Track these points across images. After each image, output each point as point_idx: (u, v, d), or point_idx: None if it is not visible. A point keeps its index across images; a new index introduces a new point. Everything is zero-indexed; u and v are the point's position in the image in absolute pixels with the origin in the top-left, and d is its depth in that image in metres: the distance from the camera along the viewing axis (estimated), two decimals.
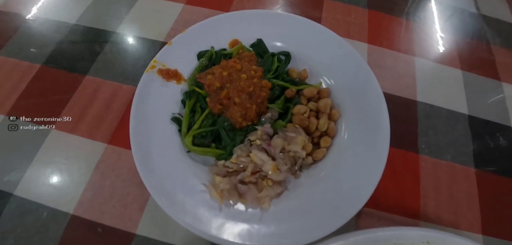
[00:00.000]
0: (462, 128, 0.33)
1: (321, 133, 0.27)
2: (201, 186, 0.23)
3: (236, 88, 0.26)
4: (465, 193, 0.30)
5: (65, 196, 0.26)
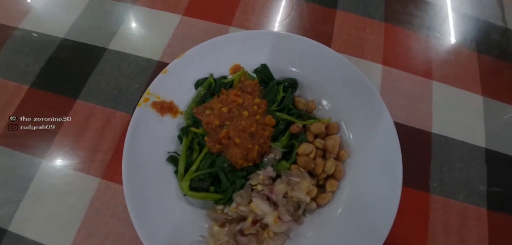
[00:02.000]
0: (478, 164, 0.31)
1: (328, 175, 0.26)
2: (198, 237, 0.23)
3: (237, 127, 0.24)
4: (475, 236, 0.29)
5: (59, 233, 0.26)
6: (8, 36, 0.35)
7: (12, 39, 0.35)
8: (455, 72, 0.36)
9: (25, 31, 0.35)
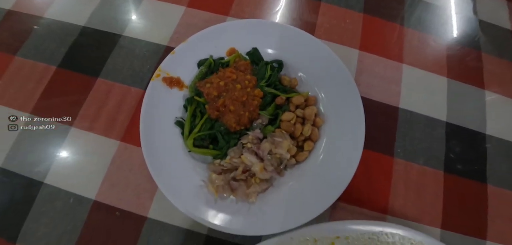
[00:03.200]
0: (438, 134, 0.38)
1: (305, 137, 0.33)
2: (200, 181, 0.30)
3: (231, 97, 0.32)
4: (431, 193, 0.36)
5: (88, 184, 0.34)
6: (36, 24, 0.42)
7: (39, 27, 0.42)
8: (424, 57, 0.43)
9: (50, 20, 0.43)
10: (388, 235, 0.30)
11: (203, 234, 0.32)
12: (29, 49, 0.40)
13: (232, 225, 0.28)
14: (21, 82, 0.39)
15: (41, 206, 0.33)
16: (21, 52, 0.40)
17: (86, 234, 0.32)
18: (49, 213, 0.33)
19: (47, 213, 0.33)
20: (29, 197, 0.33)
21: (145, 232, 0.32)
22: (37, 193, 0.33)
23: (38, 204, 0.33)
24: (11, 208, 0.33)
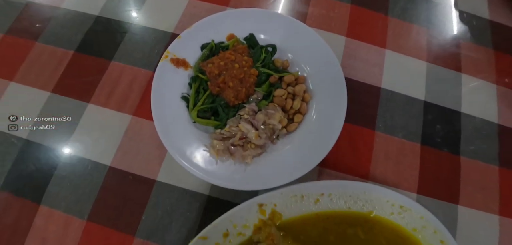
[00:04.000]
0: (416, 111, 0.44)
1: (295, 111, 0.38)
2: (203, 146, 0.36)
3: (230, 75, 0.37)
4: (409, 162, 0.41)
5: (104, 153, 0.39)
6: (54, 13, 0.48)
7: (57, 16, 0.48)
8: (406, 43, 0.48)
9: (66, 10, 0.49)
10: (366, 193, 0.35)
11: (205, 195, 0.38)
12: (49, 36, 0.46)
13: (231, 182, 0.34)
14: (42, 65, 0.45)
15: (63, 171, 0.39)
16: (41, 38, 0.46)
17: (102, 195, 0.38)
18: (69, 178, 0.38)
19: (68, 178, 0.38)
20: (52, 164, 0.39)
21: (154, 193, 0.38)
22: (60, 159, 0.39)
23: (60, 169, 0.39)
24: (36, 174, 0.39)
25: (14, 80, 0.43)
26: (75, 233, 0.36)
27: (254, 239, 0.34)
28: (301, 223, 0.35)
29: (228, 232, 0.33)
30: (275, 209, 0.34)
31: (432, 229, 0.35)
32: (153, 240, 0.36)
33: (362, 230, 0.35)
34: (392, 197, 0.35)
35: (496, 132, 0.44)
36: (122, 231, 0.36)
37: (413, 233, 0.35)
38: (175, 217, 0.37)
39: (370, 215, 0.36)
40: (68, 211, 0.37)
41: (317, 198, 0.35)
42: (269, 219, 0.34)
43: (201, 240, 0.32)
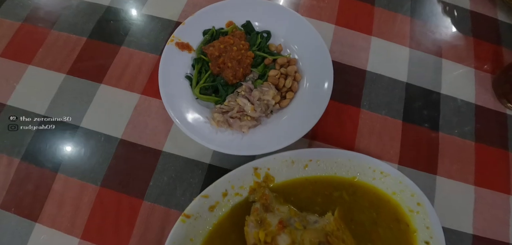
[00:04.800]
0: (398, 91, 0.49)
1: (287, 89, 0.44)
2: (205, 118, 0.41)
3: (229, 57, 0.43)
4: (391, 137, 0.47)
5: (115, 126, 0.45)
6: (68, 3, 0.54)
7: (71, 6, 0.54)
8: (390, 30, 0.54)
9: (80, 1, 0.54)
10: (350, 160, 0.40)
11: (206, 163, 0.43)
12: (63, 24, 0.52)
13: (229, 148, 0.39)
14: (58, 50, 0.50)
15: (78, 144, 0.44)
16: (56, 26, 0.52)
17: (114, 164, 0.43)
18: (84, 149, 0.44)
19: (82, 149, 0.44)
20: (68, 137, 0.44)
21: (161, 161, 0.43)
22: (75, 133, 0.45)
23: (76, 142, 0.44)
24: (54, 146, 0.44)
25: (32, 64, 0.49)
26: (89, 198, 0.42)
27: (250, 199, 0.39)
28: (292, 186, 0.40)
29: (227, 192, 0.38)
30: (268, 173, 0.39)
31: (410, 193, 0.40)
32: (160, 203, 0.41)
33: (346, 193, 0.41)
34: (374, 164, 0.41)
35: (473, 112, 0.50)
36: (132, 195, 0.42)
37: (392, 196, 0.41)
38: (179, 183, 0.42)
39: (353, 180, 0.41)
40: (83, 179, 0.43)
41: (306, 164, 0.40)
42: (263, 182, 0.39)
43: (203, 198, 0.38)
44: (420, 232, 0.39)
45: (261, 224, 0.36)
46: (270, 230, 0.35)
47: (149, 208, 0.41)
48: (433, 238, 0.39)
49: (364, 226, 0.40)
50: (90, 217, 0.41)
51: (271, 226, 0.36)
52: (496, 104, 0.51)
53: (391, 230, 0.40)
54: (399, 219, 0.40)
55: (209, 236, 0.38)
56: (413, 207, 0.40)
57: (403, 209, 0.40)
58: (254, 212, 0.37)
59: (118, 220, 0.41)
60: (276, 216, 0.37)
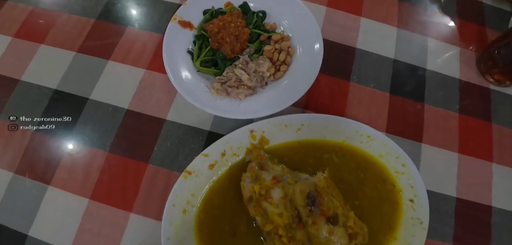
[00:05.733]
0: (386, 67, 0.54)
1: (281, 62, 0.49)
2: (205, 88, 0.46)
3: (227, 32, 0.48)
4: (379, 108, 0.51)
5: (122, 98, 0.50)
6: None
7: None
8: (379, 11, 0.59)
9: None
10: (339, 125, 0.45)
11: (206, 130, 0.48)
12: (73, 6, 0.58)
13: (228, 113, 0.44)
14: (68, 30, 0.56)
15: (87, 114, 0.49)
16: (66, 9, 0.58)
17: (121, 132, 0.48)
18: (93, 119, 0.49)
19: (92, 119, 0.49)
20: (78, 108, 0.49)
21: (165, 129, 0.48)
22: (84, 105, 0.49)
23: (85, 113, 0.49)
24: (65, 117, 0.49)
25: (44, 43, 0.54)
26: (98, 162, 0.46)
27: (246, 159, 0.44)
28: (285, 148, 0.45)
29: (225, 152, 0.43)
30: (263, 136, 0.44)
31: (395, 155, 0.45)
32: (164, 166, 0.46)
33: (336, 155, 0.45)
34: (361, 129, 0.45)
35: (457, 86, 0.54)
36: (138, 160, 0.46)
37: (379, 159, 0.45)
38: (181, 148, 0.47)
39: (342, 144, 0.46)
40: (92, 145, 0.47)
41: (298, 128, 0.45)
42: (259, 144, 0.44)
43: (204, 157, 0.42)
44: (405, 191, 0.44)
45: (256, 180, 0.41)
46: (265, 184, 0.40)
47: (154, 171, 0.46)
48: (417, 196, 0.43)
49: (352, 185, 0.44)
50: (98, 180, 0.46)
51: (266, 181, 0.40)
52: (480, 79, 0.55)
53: (378, 189, 0.44)
54: (385, 180, 0.45)
55: (209, 192, 0.42)
56: (398, 169, 0.44)
57: (389, 171, 0.45)
58: (250, 170, 0.41)
59: (125, 182, 0.45)
60: (270, 173, 0.41)
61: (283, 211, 0.38)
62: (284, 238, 0.38)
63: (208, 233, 0.41)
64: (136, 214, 0.44)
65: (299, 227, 0.38)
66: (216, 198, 0.42)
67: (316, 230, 0.36)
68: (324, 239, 0.36)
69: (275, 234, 0.39)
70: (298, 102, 0.50)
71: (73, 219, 0.44)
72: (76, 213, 0.44)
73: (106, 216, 0.44)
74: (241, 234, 0.41)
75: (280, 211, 0.38)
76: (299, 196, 0.37)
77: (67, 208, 0.45)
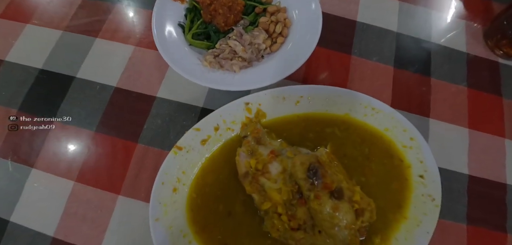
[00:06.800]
0: (389, 40, 0.50)
1: (278, 34, 0.45)
2: (197, 61, 0.42)
3: (220, 3, 0.44)
4: (382, 82, 0.47)
5: (110, 76, 0.46)
6: None
7: None
8: None
9: None
10: (341, 96, 0.41)
11: (199, 107, 0.44)
12: None
13: (221, 85, 0.40)
14: (55, 9, 0.52)
15: (74, 93, 0.45)
16: None
17: (109, 110, 0.44)
18: (80, 97, 0.45)
19: (78, 98, 0.45)
20: (64, 87, 0.46)
21: (155, 106, 0.44)
22: (71, 84, 0.46)
23: (72, 92, 0.46)
24: (49, 96, 0.45)
25: (30, 23, 0.51)
26: (84, 142, 0.42)
27: (241, 134, 0.39)
28: (284, 122, 0.41)
29: (219, 126, 0.39)
30: (260, 109, 0.40)
31: (402, 128, 0.40)
32: (154, 145, 0.42)
33: (338, 129, 0.41)
34: (365, 101, 0.41)
35: (465, 60, 0.50)
36: (126, 139, 0.42)
37: (385, 132, 0.41)
38: (173, 126, 0.43)
39: (345, 117, 0.41)
40: (79, 125, 0.43)
41: (297, 100, 0.41)
42: (255, 117, 0.40)
43: (195, 131, 0.38)
44: (414, 167, 0.39)
45: (252, 155, 0.36)
46: (262, 158, 0.36)
47: (143, 150, 0.42)
48: (428, 171, 0.39)
49: (357, 161, 0.40)
50: (85, 161, 0.42)
51: (263, 156, 0.36)
52: (488, 53, 0.51)
53: (384, 165, 0.40)
54: (392, 155, 0.40)
55: (202, 170, 0.38)
56: (406, 143, 0.40)
57: (396, 145, 0.40)
58: (245, 144, 0.37)
59: (113, 163, 0.41)
60: (268, 148, 0.37)
61: (282, 187, 0.34)
62: (284, 217, 0.34)
63: (200, 214, 0.36)
64: (124, 197, 0.40)
65: (300, 204, 0.34)
66: (209, 176, 0.38)
67: (319, 205, 0.32)
68: (327, 215, 0.32)
69: (274, 212, 0.35)
70: (297, 77, 0.46)
71: (58, 203, 0.40)
72: (60, 196, 0.40)
73: (92, 199, 0.40)
74: (237, 214, 0.37)
75: (278, 187, 0.34)
76: (299, 168, 0.33)
77: (51, 191, 0.40)
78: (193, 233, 0.36)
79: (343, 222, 0.32)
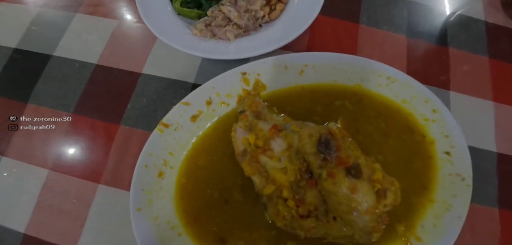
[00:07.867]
0: (400, 8, 0.44)
1: (277, 0, 0.39)
2: (187, 30, 0.36)
3: None
4: (395, 52, 0.41)
5: (91, 53, 0.40)
6: None
7: None
8: None
9: None
10: (352, 65, 0.35)
11: (190, 82, 0.37)
12: None
13: (215, 54, 0.34)
14: None
15: (50, 72, 0.39)
16: None
17: (88, 89, 0.38)
18: (57, 77, 0.39)
19: (55, 77, 0.39)
20: (39, 67, 0.39)
21: (140, 83, 0.38)
22: (47, 63, 0.40)
23: (48, 71, 0.39)
24: (23, 77, 0.39)
25: (4, 1, 0.45)
26: (61, 126, 0.36)
27: (238, 109, 0.33)
28: (287, 95, 0.34)
29: (211, 100, 0.32)
30: (258, 79, 0.33)
31: (423, 99, 0.34)
32: (138, 126, 0.35)
33: (349, 102, 0.35)
34: (379, 69, 0.34)
35: (483, 28, 0.44)
36: (107, 121, 0.36)
37: (402, 104, 0.35)
38: (160, 104, 0.36)
39: (357, 88, 0.35)
40: (55, 106, 0.37)
41: (302, 70, 0.34)
42: (253, 90, 0.33)
43: (184, 105, 0.32)
44: (439, 142, 0.33)
45: (251, 130, 0.30)
46: (262, 134, 0.29)
47: (126, 132, 0.35)
48: (455, 147, 0.32)
49: (372, 137, 0.33)
50: (61, 147, 0.35)
51: (264, 131, 0.30)
52: (508, 21, 0.45)
53: (404, 141, 0.33)
54: (412, 129, 0.34)
55: (193, 150, 0.31)
56: (428, 115, 0.34)
57: (416, 118, 0.34)
58: (243, 119, 0.31)
59: (93, 147, 0.35)
60: (269, 123, 0.31)
61: (287, 165, 0.27)
62: (291, 202, 0.27)
63: (191, 202, 0.30)
64: (104, 185, 0.33)
65: (309, 186, 0.27)
66: (201, 158, 0.31)
67: (333, 185, 0.25)
68: (344, 197, 0.25)
69: (279, 197, 0.28)
70: (299, 48, 0.40)
71: (30, 194, 0.34)
72: (33, 187, 0.34)
73: (69, 189, 0.34)
74: (235, 202, 0.30)
75: (283, 166, 0.28)
76: (307, 141, 0.26)
77: (22, 181, 0.34)
78: (183, 225, 0.29)
79: (363, 205, 0.25)
